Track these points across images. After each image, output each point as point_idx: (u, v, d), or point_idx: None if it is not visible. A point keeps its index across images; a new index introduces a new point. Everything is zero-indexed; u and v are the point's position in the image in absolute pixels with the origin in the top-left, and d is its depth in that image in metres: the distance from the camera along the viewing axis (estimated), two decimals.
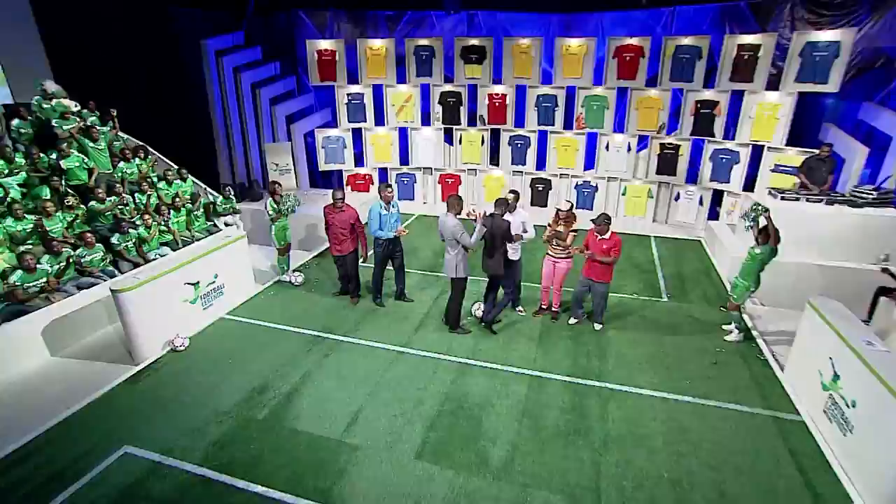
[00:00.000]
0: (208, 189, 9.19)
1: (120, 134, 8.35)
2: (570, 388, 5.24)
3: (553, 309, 6.69)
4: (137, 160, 8.25)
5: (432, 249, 9.16)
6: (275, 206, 7.27)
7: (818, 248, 7.01)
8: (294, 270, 7.94)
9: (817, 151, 7.95)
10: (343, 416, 4.81)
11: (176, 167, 8.48)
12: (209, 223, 8.45)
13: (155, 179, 8.24)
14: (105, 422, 4.75)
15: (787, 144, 9.09)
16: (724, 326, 6.38)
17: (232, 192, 8.82)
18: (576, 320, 6.53)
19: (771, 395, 5.15)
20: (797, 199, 7.37)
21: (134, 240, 7.00)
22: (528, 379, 5.39)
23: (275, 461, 4.24)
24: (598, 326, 6.43)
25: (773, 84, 9.18)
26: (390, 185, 6.66)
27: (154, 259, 7.01)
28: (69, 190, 7.11)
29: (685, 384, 5.29)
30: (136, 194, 7.77)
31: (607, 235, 5.94)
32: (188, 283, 6.11)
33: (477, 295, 6.79)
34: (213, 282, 6.51)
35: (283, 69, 11.80)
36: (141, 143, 8.64)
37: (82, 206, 7.12)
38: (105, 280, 6.50)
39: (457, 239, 5.75)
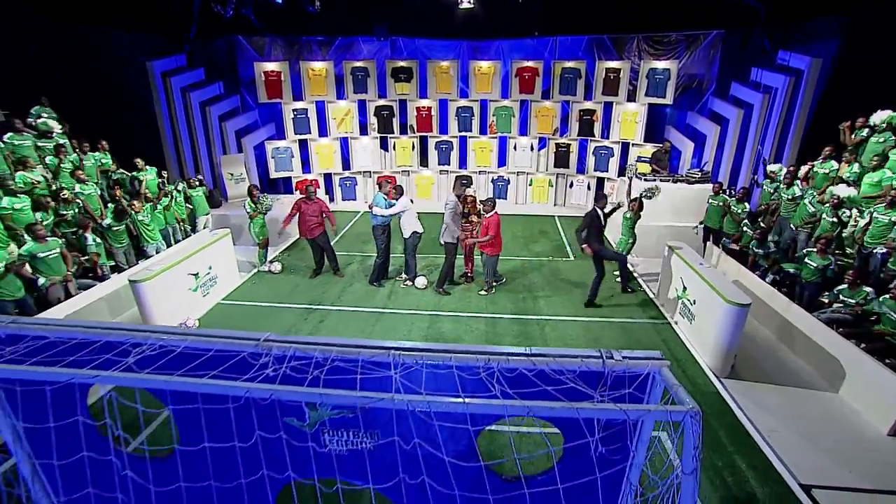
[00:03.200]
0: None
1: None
2: (516, 322, 6.58)
3: (467, 273, 7.82)
4: (99, 153, 8.24)
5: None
6: (253, 205, 7.82)
7: (670, 213, 9.08)
8: (270, 261, 8.47)
9: (661, 146, 10.21)
10: None
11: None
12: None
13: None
14: None
15: (644, 141, 11.35)
16: (614, 272, 8.13)
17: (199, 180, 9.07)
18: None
19: (649, 310, 6.93)
20: (654, 180, 9.43)
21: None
22: (484, 320, 6.65)
23: None
24: (482, 292, 7.35)
25: (632, 97, 11.39)
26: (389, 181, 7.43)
27: (152, 255, 7.20)
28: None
29: (594, 310, 6.89)
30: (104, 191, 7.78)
31: (489, 215, 6.77)
32: (190, 274, 6.53)
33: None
34: (209, 272, 6.95)
35: (226, 88, 11.94)
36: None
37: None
38: (96, 283, 6.59)
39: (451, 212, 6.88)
